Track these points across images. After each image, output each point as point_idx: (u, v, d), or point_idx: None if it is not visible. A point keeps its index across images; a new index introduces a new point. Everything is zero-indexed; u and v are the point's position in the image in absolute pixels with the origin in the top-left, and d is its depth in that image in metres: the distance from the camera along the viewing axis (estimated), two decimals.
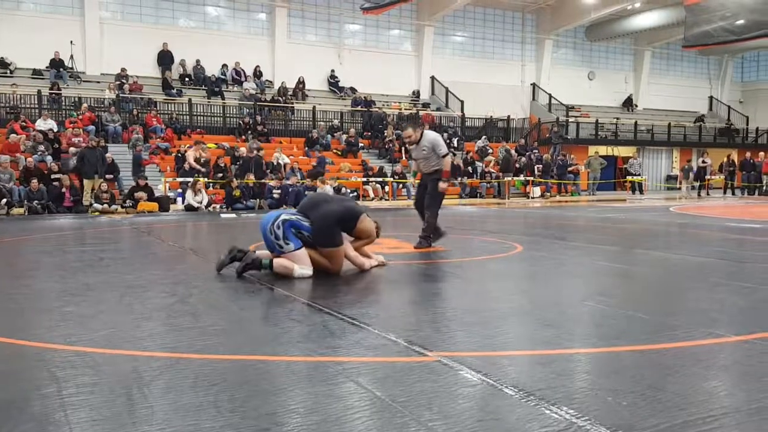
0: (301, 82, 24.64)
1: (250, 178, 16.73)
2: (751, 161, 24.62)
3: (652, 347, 3.15)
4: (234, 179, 16.17)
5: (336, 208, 5.38)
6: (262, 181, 16.68)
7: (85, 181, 15.28)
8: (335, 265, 5.34)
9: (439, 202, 7.05)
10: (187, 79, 23.19)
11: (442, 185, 6.89)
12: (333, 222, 5.30)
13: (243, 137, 20.57)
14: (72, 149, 16.81)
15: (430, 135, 6.97)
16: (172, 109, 21.24)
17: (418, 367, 2.81)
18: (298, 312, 3.99)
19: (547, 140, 25.79)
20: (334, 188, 16.17)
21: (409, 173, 19.98)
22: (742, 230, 9.82)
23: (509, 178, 21.43)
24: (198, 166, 16.25)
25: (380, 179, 19.64)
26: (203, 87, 22.98)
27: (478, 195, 21.29)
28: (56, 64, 21.09)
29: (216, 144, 19.47)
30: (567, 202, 20.15)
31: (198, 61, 23.37)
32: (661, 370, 2.77)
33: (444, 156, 6.89)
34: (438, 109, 27.08)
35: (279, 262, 5.12)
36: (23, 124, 17.60)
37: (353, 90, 25.86)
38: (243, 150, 18.18)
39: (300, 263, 5.11)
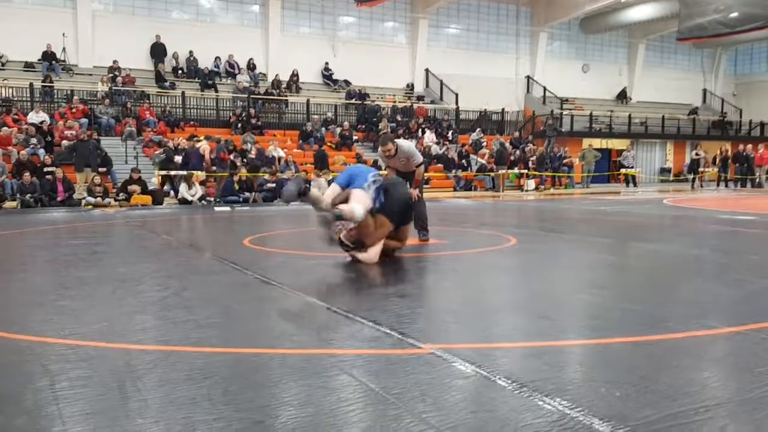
0: (294, 75, 24.54)
1: (242, 172, 16.65)
2: (744, 153, 24.70)
3: (645, 339, 3.16)
4: (237, 172, 16.02)
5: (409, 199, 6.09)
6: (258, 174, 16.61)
7: (78, 175, 15.19)
8: (401, 238, 5.99)
9: (422, 194, 7.55)
10: (180, 71, 23.05)
11: (413, 192, 7.32)
12: (407, 204, 5.97)
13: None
14: (64, 142, 16.71)
15: (404, 146, 7.26)
16: (165, 101, 21.13)
17: (412, 360, 2.81)
18: (292, 304, 3.99)
19: (541, 133, 25.79)
20: (329, 181, 16.13)
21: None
22: (735, 222, 9.86)
23: (503, 171, 21.44)
24: (213, 167, 15.99)
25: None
26: (196, 80, 22.86)
27: (474, 188, 21.29)
28: (48, 56, 20.91)
29: (209, 137, 19.35)
30: (561, 194, 20.18)
31: (191, 54, 23.22)
32: (654, 362, 2.78)
33: (418, 166, 7.25)
34: (432, 102, 27.02)
35: (344, 208, 5.26)
36: (15, 116, 17.48)
37: (347, 83, 25.77)
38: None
39: (361, 204, 5.33)
